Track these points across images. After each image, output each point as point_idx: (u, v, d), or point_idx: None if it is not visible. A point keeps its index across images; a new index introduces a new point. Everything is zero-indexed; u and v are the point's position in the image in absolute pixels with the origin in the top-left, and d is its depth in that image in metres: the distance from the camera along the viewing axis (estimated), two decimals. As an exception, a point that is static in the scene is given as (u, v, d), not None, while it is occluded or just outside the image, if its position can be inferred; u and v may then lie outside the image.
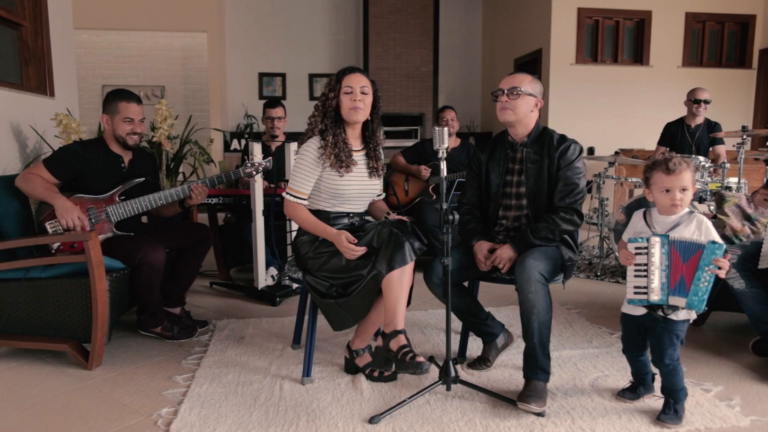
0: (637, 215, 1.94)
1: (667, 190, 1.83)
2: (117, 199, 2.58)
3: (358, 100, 2.13)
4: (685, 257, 1.78)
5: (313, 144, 2.15)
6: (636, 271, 1.85)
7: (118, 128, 2.60)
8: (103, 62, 7.10)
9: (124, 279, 2.43)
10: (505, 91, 2.16)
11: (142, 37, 7.08)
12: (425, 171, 4.14)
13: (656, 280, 1.81)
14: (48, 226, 2.46)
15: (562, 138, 2.20)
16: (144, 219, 2.99)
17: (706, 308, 1.84)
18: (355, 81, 2.14)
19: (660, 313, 1.84)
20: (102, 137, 2.70)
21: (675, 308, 1.82)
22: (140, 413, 1.97)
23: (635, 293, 1.85)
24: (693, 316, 1.85)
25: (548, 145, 2.18)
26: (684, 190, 1.82)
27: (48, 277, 2.34)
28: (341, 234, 2.05)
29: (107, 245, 2.43)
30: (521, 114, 2.17)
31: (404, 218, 2.12)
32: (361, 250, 2.02)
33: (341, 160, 2.12)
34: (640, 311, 1.90)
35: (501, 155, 2.27)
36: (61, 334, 2.37)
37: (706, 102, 4.34)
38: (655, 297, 1.81)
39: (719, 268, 1.73)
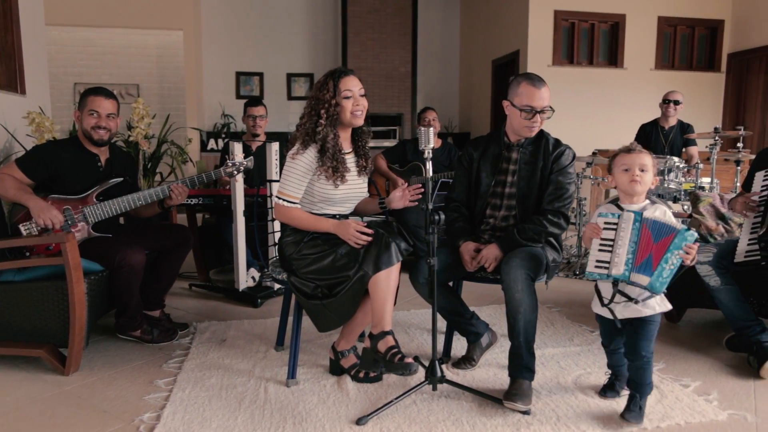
0: (607, 204, 1.97)
1: (627, 169, 1.87)
2: (94, 199, 2.52)
3: (359, 106, 2.12)
4: (656, 237, 1.78)
5: (310, 155, 2.09)
6: (601, 245, 1.85)
7: (84, 122, 2.53)
8: (75, 60, 6.91)
9: (102, 281, 2.38)
10: (538, 111, 2.14)
11: (116, 35, 6.91)
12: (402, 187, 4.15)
13: (622, 254, 1.81)
14: (22, 227, 2.39)
15: (557, 142, 2.23)
16: (121, 220, 2.93)
17: (672, 306, 1.85)
18: (353, 84, 2.11)
19: (620, 297, 1.84)
20: (77, 136, 2.63)
21: (629, 298, 1.83)
22: (121, 419, 1.92)
23: (596, 267, 1.85)
24: (667, 306, 1.86)
25: (544, 148, 2.21)
26: (643, 170, 1.86)
27: (22, 280, 2.27)
28: (348, 222, 2.02)
29: (84, 247, 2.37)
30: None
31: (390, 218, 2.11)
32: (368, 236, 1.98)
33: (337, 171, 2.09)
34: (619, 314, 1.88)
35: (494, 154, 2.28)
36: (36, 338, 2.30)
37: (676, 102, 4.45)
38: (616, 271, 1.81)
39: (687, 253, 1.74)
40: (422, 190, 2.10)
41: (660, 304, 1.86)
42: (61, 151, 2.53)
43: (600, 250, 1.85)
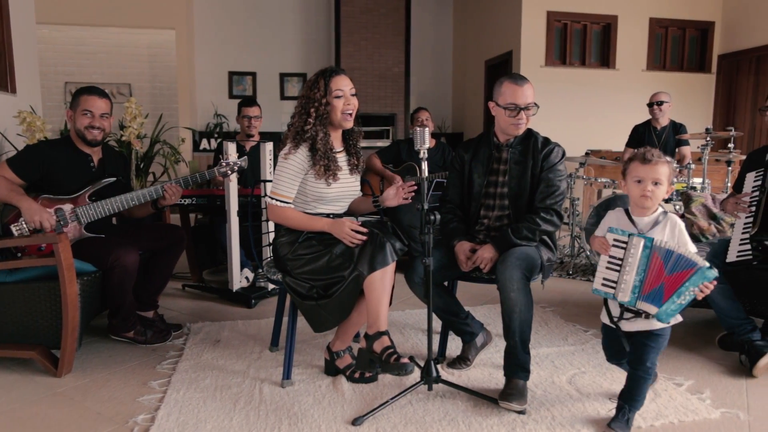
0: (618, 212, 1.87)
1: (640, 181, 1.77)
2: (87, 200, 2.50)
3: (350, 105, 2.11)
4: (671, 269, 1.68)
5: (302, 154, 2.09)
6: (609, 263, 1.78)
7: (77, 122, 2.51)
8: (65, 59, 6.86)
9: (95, 282, 2.36)
10: (522, 108, 2.15)
11: (108, 34, 6.86)
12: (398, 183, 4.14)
13: (629, 280, 1.73)
14: (13, 228, 2.36)
15: (546, 141, 2.24)
16: (114, 220, 2.90)
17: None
18: (344, 84, 2.10)
19: (628, 313, 1.77)
20: (69, 136, 2.60)
21: (637, 314, 1.76)
22: (115, 421, 1.91)
23: (603, 284, 1.79)
24: (678, 319, 1.78)
25: (533, 147, 2.22)
26: (657, 183, 1.77)
27: (14, 281, 2.25)
28: (342, 221, 2.01)
29: (77, 248, 2.35)
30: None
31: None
32: (363, 235, 1.98)
33: (329, 169, 2.09)
34: (628, 327, 1.81)
35: (485, 155, 2.29)
36: (28, 340, 2.27)
37: (659, 103, 4.48)
38: (623, 297, 1.75)
39: (701, 291, 1.66)
40: (416, 187, 2.11)
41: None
42: (54, 151, 2.50)
43: (608, 268, 1.78)
